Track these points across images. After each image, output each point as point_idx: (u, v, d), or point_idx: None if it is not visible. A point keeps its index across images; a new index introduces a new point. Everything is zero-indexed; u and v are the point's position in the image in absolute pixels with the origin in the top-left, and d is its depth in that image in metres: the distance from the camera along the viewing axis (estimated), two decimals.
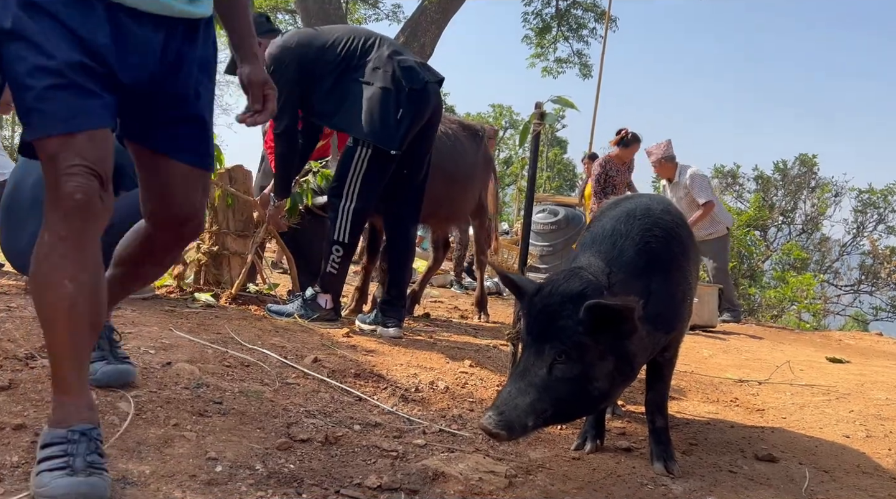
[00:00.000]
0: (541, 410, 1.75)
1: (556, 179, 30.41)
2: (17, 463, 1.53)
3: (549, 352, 1.77)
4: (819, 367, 4.56)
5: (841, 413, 3.13)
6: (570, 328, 1.76)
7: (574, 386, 1.79)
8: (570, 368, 1.77)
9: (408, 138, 3.45)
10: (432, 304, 6.01)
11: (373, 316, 3.60)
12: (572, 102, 2.48)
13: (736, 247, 12.60)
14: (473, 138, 4.85)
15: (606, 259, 1.96)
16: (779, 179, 17.85)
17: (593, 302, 1.75)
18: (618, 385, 1.91)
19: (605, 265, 1.93)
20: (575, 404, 1.85)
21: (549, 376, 1.76)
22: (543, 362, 1.77)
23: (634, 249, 1.99)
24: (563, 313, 1.77)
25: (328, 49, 3.51)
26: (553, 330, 1.78)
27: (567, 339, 1.76)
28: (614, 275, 1.91)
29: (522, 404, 1.73)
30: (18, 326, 2.43)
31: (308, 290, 3.57)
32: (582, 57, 16.76)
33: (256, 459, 1.75)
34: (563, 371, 1.77)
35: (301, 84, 3.49)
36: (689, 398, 3.29)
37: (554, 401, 1.77)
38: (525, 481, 1.90)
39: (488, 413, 1.73)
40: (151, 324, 2.69)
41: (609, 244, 2.00)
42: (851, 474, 2.30)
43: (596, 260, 1.95)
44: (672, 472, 2.08)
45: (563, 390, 1.78)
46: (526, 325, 1.86)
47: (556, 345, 1.77)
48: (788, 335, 7.07)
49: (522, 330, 1.89)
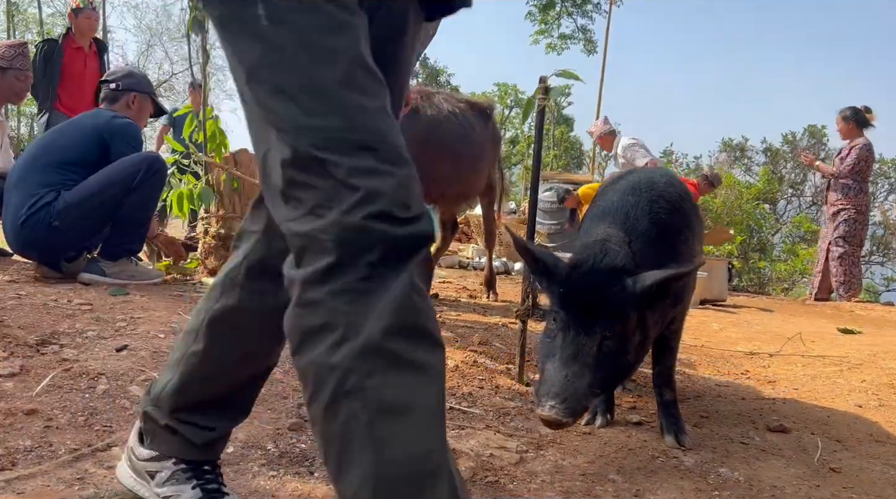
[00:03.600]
0: (595, 390, 1.71)
1: (564, 156, 30.23)
2: (29, 447, 1.54)
3: (600, 329, 1.71)
4: (831, 338, 4.54)
5: (853, 383, 3.12)
6: (622, 303, 1.71)
7: (616, 361, 1.75)
8: (614, 343, 1.73)
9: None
10: (441, 284, 6.01)
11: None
12: (577, 75, 2.44)
13: (745, 221, 12.52)
14: (481, 117, 4.83)
15: (624, 230, 1.92)
16: (788, 151, 17.71)
17: (664, 273, 1.71)
18: (641, 358, 1.89)
19: (625, 235, 1.90)
20: (614, 378, 1.82)
21: (598, 354, 1.71)
22: (593, 341, 1.71)
23: (648, 220, 1.96)
24: (613, 289, 1.72)
25: None
26: (602, 306, 1.72)
27: (619, 314, 1.71)
28: (634, 244, 1.88)
29: (581, 387, 1.66)
30: (29, 313, 2.44)
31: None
32: (586, 33, 16.63)
33: (268, 439, 1.76)
34: (609, 347, 1.72)
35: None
36: (699, 371, 3.28)
37: (602, 378, 1.72)
38: (536, 457, 1.90)
39: (548, 402, 1.63)
40: (160, 308, 2.70)
41: (623, 215, 1.96)
42: (864, 443, 2.29)
43: (615, 231, 1.91)
44: (683, 444, 2.08)
45: (608, 367, 1.73)
46: (564, 303, 1.77)
47: (607, 321, 1.71)
48: (799, 307, 7.04)
49: (555, 308, 1.80)
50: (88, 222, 3.13)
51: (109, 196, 3.09)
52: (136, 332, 2.34)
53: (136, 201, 3.15)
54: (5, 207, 3.22)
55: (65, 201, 3.04)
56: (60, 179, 3.11)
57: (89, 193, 3.07)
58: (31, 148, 3.32)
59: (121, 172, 3.11)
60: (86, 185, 3.09)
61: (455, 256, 8.29)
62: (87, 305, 2.65)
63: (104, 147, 3.19)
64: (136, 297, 2.92)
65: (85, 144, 3.20)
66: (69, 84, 5.32)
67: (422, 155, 4.76)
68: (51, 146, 3.23)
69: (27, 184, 3.11)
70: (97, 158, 3.15)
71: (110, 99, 3.48)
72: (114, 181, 3.10)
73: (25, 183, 3.12)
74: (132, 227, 3.26)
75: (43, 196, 3.05)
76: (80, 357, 2.06)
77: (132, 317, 2.53)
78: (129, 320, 2.48)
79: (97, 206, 3.09)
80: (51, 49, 5.30)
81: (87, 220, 3.10)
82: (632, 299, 1.71)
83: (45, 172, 3.12)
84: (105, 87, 3.51)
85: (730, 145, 18.35)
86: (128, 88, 3.47)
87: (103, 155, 3.17)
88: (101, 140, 3.21)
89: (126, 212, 3.16)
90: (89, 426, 1.68)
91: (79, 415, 1.72)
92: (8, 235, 3.18)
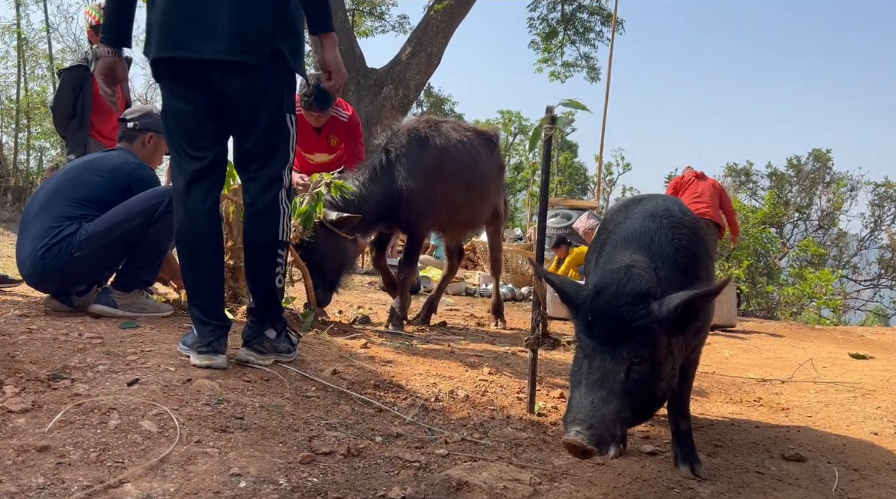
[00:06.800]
0: (624, 417, 1.67)
1: (568, 182, 30.33)
2: (42, 485, 1.53)
3: (627, 355, 1.68)
4: (842, 363, 4.50)
5: (868, 410, 3.09)
6: (648, 327, 1.68)
7: (648, 388, 1.71)
8: (645, 369, 1.69)
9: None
10: (448, 312, 6.00)
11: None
12: (584, 105, 2.46)
13: (752, 245, 12.51)
14: (487, 145, 4.87)
15: (649, 256, 1.91)
16: (793, 175, 17.73)
17: (690, 294, 1.69)
18: (673, 385, 1.85)
19: (650, 261, 1.89)
20: (647, 406, 1.77)
21: (627, 380, 1.67)
22: (620, 366, 1.67)
23: (671, 247, 1.96)
24: (638, 313, 1.69)
25: None
26: (628, 331, 1.68)
27: (646, 339, 1.68)
28: (660, 270, 1.87)
29: (609, 413, 1.62)
30: (40, 348, 2.44)
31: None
32: (589, 60, 16.75)
33: (280, 473, 1.75)
34: (639, 373, 1.69)
35: None
36: (711, 399, 3.25)
37: (633, 405, 1.69)
38: (550, 489, 1.88)
39: (574, 428, 1.59)
40: (171, 341, 2.70)
41: (646, 241, 1.96)
42: (882, 471, 2.26)
43: (640, 257, 1.89)
44: (699, 474, 2.06)
45: (640, 394, 1.69)
46: (589, 329, 1.74)
47: (634, 346, 1.68)
48: (809, 332, 6.99)
49: (581, 335, 1.78)
50: (109, 253, 3.15)
51: (131, 228, 3.12)
52: (146, 365, 2.34)
53: (155, 233, 3.17)
54: (23, 236, 3.23)
55: (86, 232, 3.07)
56: (81, 213, 3.14)
57: (111, 224, 3.10)
58: (56, 180, 3.34)
59: (142, 204, 3.15)
60: (108, 216, 3.12)
61: (462, 283, 8.28)
62: (98, 338, 2.65)
63: (128, 193, 3.24)
64: (147, 330, 2.93)
65: (111, 187, 3.25)
66: (103, 111, 5.07)
67: (432, 183, 4.82)
68: (75, 180, 3.27)
69: (48, 216, 3.13)
70: (118, 202, 3.20)
71: (128, 138, 3.53)
72: (136, 213, 3.13)
73: (46, 214, 3.14)
74: (149, 259, 3.28)
75: (64, 228, 3.08)
76: (91, 392, 2.05)
77: (143, 350, 2.53)
78: (140, 354, 2.48)
79: (118, 237, 3.11)
80: (80, 76, 5.05)
81: (107, 250, 3.13)
82: (659, 323, 1.69)
83: (67, 206, 3.15)
84: (123, 125, 3.56)
85: (735, 170, 18.40)
86: (145, 128, 3.52)
87: (125, 199, 3.22)
88: (127, 186, 3.26)
89: (145, 243, 3.19)
90: (101, 462, 1.67)
91: (91, 451, 1.71)
92: (24, 266, 3.18)
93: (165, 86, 2.51)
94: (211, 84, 2.44)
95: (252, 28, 2.40)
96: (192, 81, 2.45)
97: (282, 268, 2.64)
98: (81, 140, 5.05)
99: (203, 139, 2.51)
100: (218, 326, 2.50)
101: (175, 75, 2.46)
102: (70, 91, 5.05)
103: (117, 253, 3.19)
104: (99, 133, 5.13)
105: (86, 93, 5.04)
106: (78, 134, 5.07)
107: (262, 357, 2.59)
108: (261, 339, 2.61)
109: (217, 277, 2.59)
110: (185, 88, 2.47)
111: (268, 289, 2.62)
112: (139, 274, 3.27)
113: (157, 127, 3.45)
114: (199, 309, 2.51)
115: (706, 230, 2.24)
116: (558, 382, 3.11)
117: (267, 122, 2.51)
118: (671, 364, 1.78)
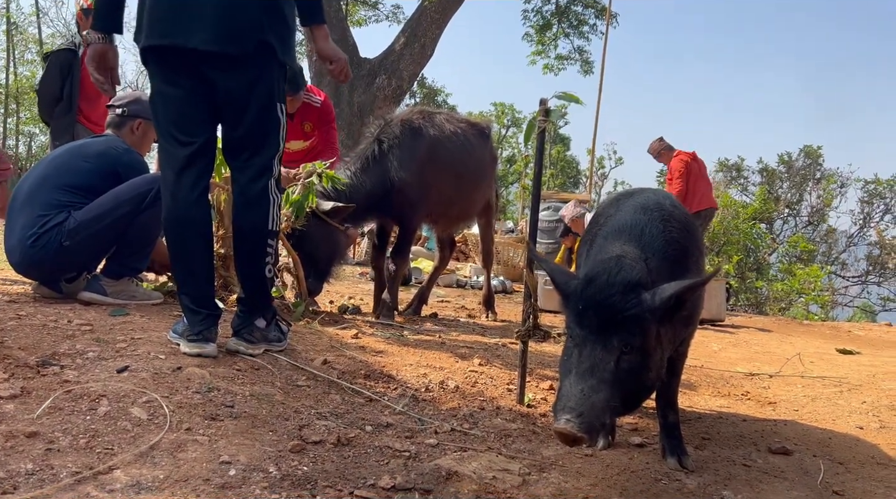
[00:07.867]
0: (614, 406, 1.68)
1: (560, 176, 30.35)
2: (31, 470, 1.53)
3: (618, 344, 1.69)
4: (829, 359, 4.54)
5: (853, 405, 3.12)
6: (639, 317, 1.69)
7: (637, 377, 1.72)
8: (635, 358, 1.70)
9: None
10: (439, 303, 6.01)
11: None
12: (577, 97, 2.46)
13: (742, 240, 12.57)
14: (480, 137, 4.86)
15: (640, 247, 1.92)
16: (784, 171, 17.81)
17: (682, 284, 1.71)
18: (662, 375, 1.86)
19: (641, 252, 1.90)
20: (636, 396, 1.78)
21: (616, 369, 1.68)
22: (610, 355, 1.69)
23: (662, 239, 1.97)
24: (629, 303, 1.70)
25: None
26: (619, 321, 1.70)
27: (636, 328, 1.69)
28: (650, 262, 1.88)
29: (599, 402, 1.64)
30: (29, 334, 2.43)
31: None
32: (583, 53, 16.70)
33: (270, 461, 1.75)
34: (629, 363, 1.70)
35: None
36: (699, 393, 3.28)
37: (622, 395, 1.70)
38: (539, 479, 1.90)
39: (564, 416, 1.60)
40: (161, 329, 2.69)
41: (637, 233, 1.97)
42: (867, 465, 2.29)
43: (630, 248, 1.91)
44: (686, 466, 2.08)
45: (629, 383, 1.71)
46: (579, 318, 1.75)
47: (624, 336, 1.69)
48: (797, 327, 7.05)
49: (571, 324, 1.79)
50: (98, 241, 3.13)
51: (120, 215, 3.10)
52: (136, 352, 2.34)
53: (145, 221, 3.15)
54: (10, 224, 3.21)
55: (75, 221, 3.05)
56: (69, 200, 3.11)
57: (100, 212, 3.08)
58: (42, 167, 3.31)
59: (131, 192, 3.13)
60: (97, 204, 3.10)
61: (453, 275, 8.29)
62: (88, 325, 2.64)
63: (116, 178, 3.21)
64: (137, 317, 2.91)
65: (99, 173, 3.21)
66: (91, 97, 4.94)
67: (425, 175, 4.80)
68: (62, 167, 3.23)
69: (36, 204, 3.11)
70: (107, 188, 3.17)
71: (116, 124, 3.49)
72: (125, 201, 3.11)
73: (34, 202, 3.11)
74: (139, 246, 3.26)
75: (53, 216, 3.06)
76: (80, 379, 2.05)
77: (133, 337, 2.52)
78: (130, 341, 2.47)
79: (108, 225, 3.09)
80: (68, 60, 4.90)
81: (97, 239, 3.11)
82: (651, 312, 1.70)
83: (54, 193, 3.12)
84: (111, 111, 3.53)
85: (726, 165, 18.46)
86: (133, 115, 3.49)
87: (113, 185, 3.19)
88: (114, 171, 3.23)
89: (135, 231, 3.17)
90: (90, 449, 1.67)
91: (80, 437, 1.71)
92: (12, 255, 3.16)
93: (154, 71, 2.49)
94: (200, 71, 2.43)
95: (240, 19, 2.39)
96: (182, 67, 2.43)
97: (272, 257, 2.63)
98: (68, 126, 4.90)
99: (193, 124, 2.49)
100: (208, 315, 2.50)
101: (165, 63, 2.45)
102: (57, 74, 4.94)
103: (107, 241, 3.17)
104: (88, 119, 5.02)
105: (74, 77, 4.91)
106: (64, 119, 4.93)
107: (252, 346, 2.59)
108: (251, 328, 2.60)
109: (207, 266, 2.58)
110: (174, 74, 2.45)
111: (258, 279, 2.61)
112: (129, 262, 3.25)
113: (146, 113, 3.41)
114: (189, 298, 2.50)
115: (695, 224, 2.25)
116: (548, 373, 3.12)
117: (257, 112, 2.50)
118: (660, 354, 1.79)
